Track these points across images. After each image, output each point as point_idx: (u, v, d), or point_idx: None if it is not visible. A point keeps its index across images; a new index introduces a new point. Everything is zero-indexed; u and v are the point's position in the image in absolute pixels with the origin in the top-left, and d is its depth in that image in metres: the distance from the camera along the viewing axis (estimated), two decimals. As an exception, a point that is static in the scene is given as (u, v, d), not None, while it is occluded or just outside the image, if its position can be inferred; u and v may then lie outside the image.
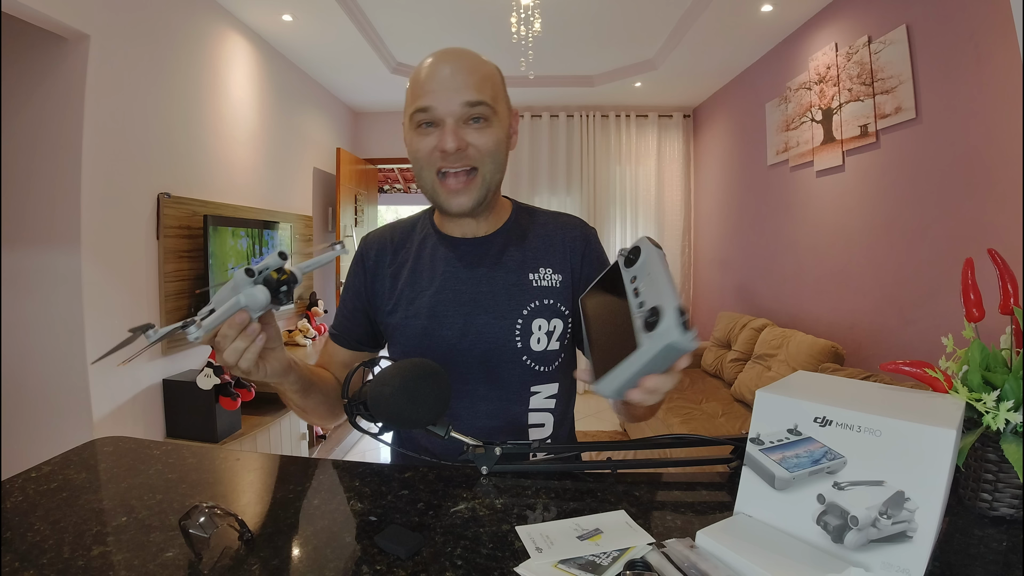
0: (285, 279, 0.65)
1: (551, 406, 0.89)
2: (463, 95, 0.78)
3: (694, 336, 0.52)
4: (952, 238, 2.16)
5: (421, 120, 0.80)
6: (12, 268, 2.05)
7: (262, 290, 0.64)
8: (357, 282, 0.93)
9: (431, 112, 0.79)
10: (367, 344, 0.94)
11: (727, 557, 0.51)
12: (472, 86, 0.79)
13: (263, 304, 0.64)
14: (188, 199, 2.54)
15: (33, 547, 0.55)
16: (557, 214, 0.96)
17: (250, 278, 0.64)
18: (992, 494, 0.61)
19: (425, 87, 0.79)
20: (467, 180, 0.81)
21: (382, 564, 0.53)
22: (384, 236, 0.94)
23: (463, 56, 0.81)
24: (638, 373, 0.54)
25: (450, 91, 0.78)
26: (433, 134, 0.80)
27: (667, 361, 0.54)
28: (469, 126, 0.80)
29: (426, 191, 0.85)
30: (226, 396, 2.37)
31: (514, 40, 3.07)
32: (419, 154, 0.81)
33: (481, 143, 0.80)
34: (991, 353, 0.62)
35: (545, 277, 0.88)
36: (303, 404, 0.82)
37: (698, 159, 5.03)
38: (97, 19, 2.05)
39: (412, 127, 0.81)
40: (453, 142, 0.78)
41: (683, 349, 0.52)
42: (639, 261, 0.60)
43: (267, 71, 3.40)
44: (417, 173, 0.84)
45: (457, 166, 0.80)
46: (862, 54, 2.60)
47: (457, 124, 0.79)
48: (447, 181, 0.81)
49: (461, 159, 0.80)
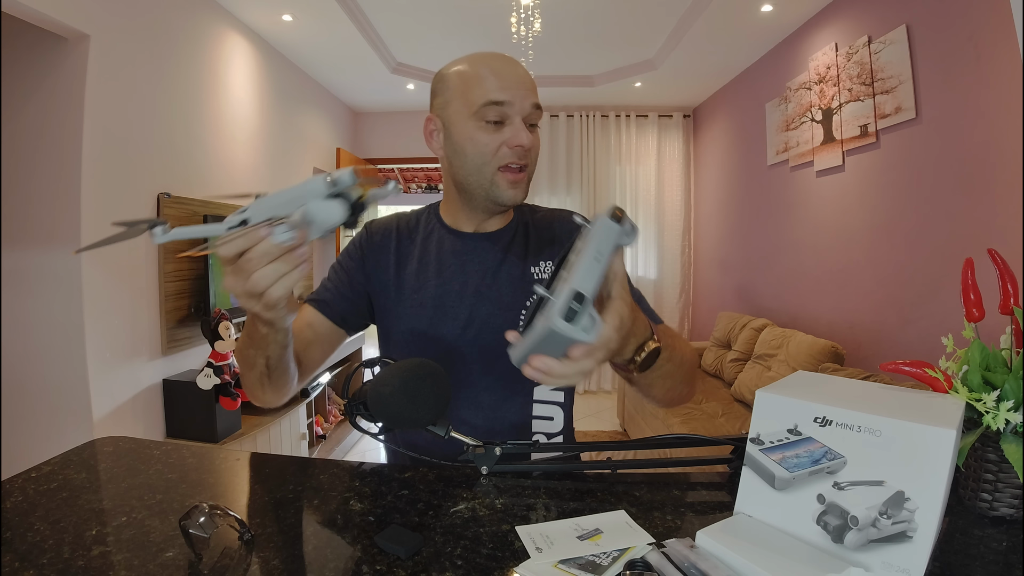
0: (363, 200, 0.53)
1: (560, 399, 0.90)
2: (532, 97, 0.82)
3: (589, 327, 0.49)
4: (952, 238, 2.16)
5: (490, 115, 0.80)
6: (12, 268, 2.05)
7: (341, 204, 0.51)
8: (357, 259, 0.91)
9: (506, 107, 0.80)
10: (346, 322, 0.90)
11: (727, 557, 0.51)
12: (535, 90, 0.84)
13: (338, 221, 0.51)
14: (188, 199, 2.54)
15: (33, 547, 0.55)
16: (554, 209, 1.00)
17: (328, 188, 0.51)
18: (992, 494, 0.61)
19: (498, 82, 0.80)
20: (522, 176, 0.85)
21: (382, 564, 0.53)
22: (390, 224, 0.95)
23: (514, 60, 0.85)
24: (528, 350, 0.53)
25: (523, 90, 0.81)
26: (503, 130, 0.81)
27: (556, 346, 0.51)
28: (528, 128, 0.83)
29: (480, 183, 0.84)
30: (226, 396, 2.37)
31: (514, 40, 3.07)
32: (486, 148, 0.81)
33: (534, 144, 0.84)
34: (991, 353, 0.62)
35: (546, 270, 0.90)
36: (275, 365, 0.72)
37: (698, 159, 5.03)
38: (97, 19, 2.05)
39: (475, 120, 0.81)
40: (528, 138, 0.81)
41: (569, 338, 0.49)
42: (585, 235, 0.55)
43: (267, 71, 3.40)
44: (476, 167, 0.83)
45: (522, 162, 0.83)
46: (862, 54, 2.60)
47: (525, 123, 0.82)
48: (508, 176, 0.83)
49: (525, 156, 0.83)
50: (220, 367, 2.37)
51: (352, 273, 0.91)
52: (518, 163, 0.82)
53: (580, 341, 0.50)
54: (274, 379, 0.75)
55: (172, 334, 2.44)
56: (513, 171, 0.83)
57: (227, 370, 2.39)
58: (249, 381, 0.77)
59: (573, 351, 0.53)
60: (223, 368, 2.38)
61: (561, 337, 0.50)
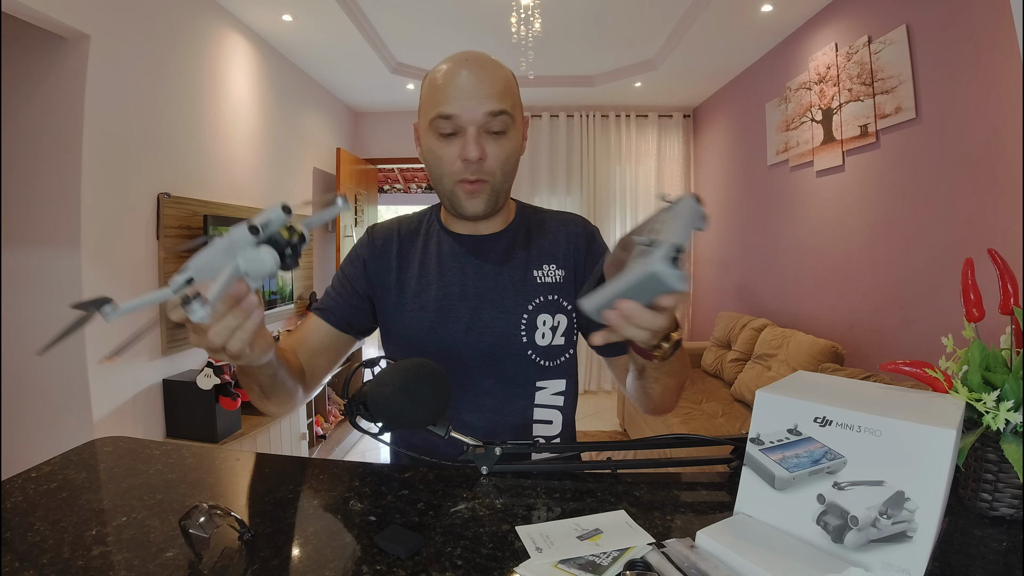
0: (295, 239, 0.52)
1: (559, 403, 0.89)
2: (486, 105, 0.78)
3: (682, 277, 0.51)
4: (952, 238, 2.16)
5: (442, 128, 0.79)
6: (12, 268, 2.05)
7: (270, 253, 0.51)
8: (359, 264, 0.92)
9: (454, 120, 0.78)
10: (352, 328, 0.91)
11: (727, 557, 0.51)
12: (495, 96, 0.78)
13: (270, 271, 0.51)
14: (188, 199, 2.54)
15: (33, 547, 0.55)
16: (560, 212, 0.97)
17: (254, 237, 0.50)
18: (992, 494, 0.61)
19: (448, 93, 0.78)
20: (477, 187, 0.82)
21: (382, 564, 0.53)
22: (391, 227, 0.95)
23: (485, 63, 0.81)
24: (616, 294, 0.54)
25: (473, 100, 0.78)
26: (455, 143, 0.80)
27: (648, 291, 0.54)
28: (489, 136, 0.80)
29: (444, 194, 0.85)
30: (226, 396, 2.37)
31: (514, 40, 3.07)
32: (441, 162, 0.81)
33: (496, 154, 0.81)
34: (991, 353, 0.62)
35: (549, 273, 0.89)
36: (270, 388, 0.73)
37: (698, 159, 5.03)
38: (97, 19, 2.05)
39: (431, 132, 0.81)
40: (475, 151, 0.78)
41: (666, 282, 0.51)
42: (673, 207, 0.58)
43: (267, 71, 3.40)
44: (437, 178, 0.84)
45: (476, 176, 0.81)
46: (862, 54, 2.60)
47: (479, 133, 0.79)
48: (465, 187, 0.82)
49: (479, 170, 0.80)
50: (220, 367, 2.37)
51: (355, 279, 0.91)
52: (472, 176, 0.80)
53: (674, 290, 0.52)
54: (273, 397, 0.76)
55: (172, 334, 2.44)
56: (470, 183, 0.81)
57: (227, 370, 2.39)
58: (252, 398, 0.78)
59: (663, 299, 0.55)
60: (223, 368, 2.38)
61: (657, 283, 0.52)
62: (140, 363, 2.31)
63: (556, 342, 0.87)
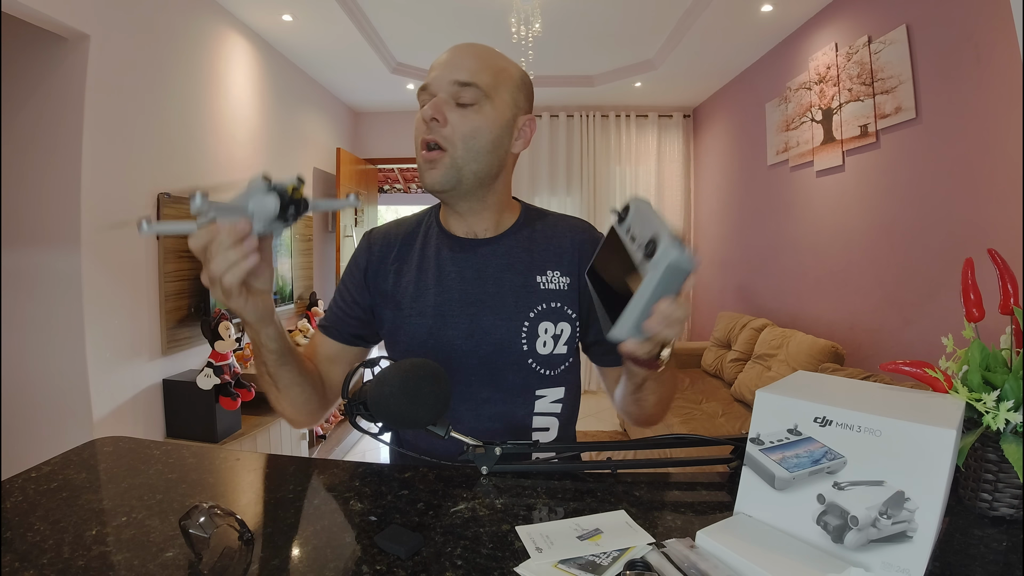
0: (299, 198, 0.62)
1: (557, 410, 0.88)
2: (455, 74, 0.79)
3: (693, 255, 0.54)
4: (952, 238, 2.16)
5: (421, 101, 0.82)
6: (12, 268, 2.05)
7: (273, 199, 0.60)
8: (358, 274, 0.91)
9: (429, 90, 0.80)
10: (361, 339, 0.91)
11: (727, 557, 0.51)
12: (468, 68, 0.79)
13: (270, 214, 0.60)
14: (188, 199, 2.54)
15: (33, 547, 0.55)
16: (566, 217, 0.95)
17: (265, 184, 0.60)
18: (992, 494, 0.61)
19: (430, 70, 0.81)
20: (435, 156, 0.81)
21: (382, 564, 0.53)
22: (389, 231, 0.93)
23: (474, 45, 0.83)
24: (649, 301, 0.56)
25: (446, 69, 0.80)
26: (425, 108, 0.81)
27: (673, 284, 0.55)
28: (455, 107, 0.80)
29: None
30: (226, 396, 2.37)
31: (514, 40, 3.07)
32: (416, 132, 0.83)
33: (458, 124, 0.79)
34: (991, 353, 0.62)
35: (552, 280, 0.86)
36: (277, 374, 0.76)
37: (698, 159, 5.03)
38: (97, 19, 2.05)
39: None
40: (431, 110, 0.78)
41: (685, 268, 0.54)
42: (630, 215, 0.62)
43: (267, 71, 3.40)
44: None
45: (430, 138, 0.80)
46: (862, 54, 2.60)
47: (443, 100, 0.79)
48: (423, 153, 0.82)
49: (435, 131, 0.80)
50: (220, 367, 2.37)
51: (355, 291, 0.91)
52: (427, 137, 0.80)
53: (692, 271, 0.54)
54: (284, 391, 0.78)
55: (172, 334, 2.44)
56: (428, 150, 0.80)
57: (227, 370, 2.39)
58: (270, 397, 0.81)
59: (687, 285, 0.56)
60: (223, 368, 2.38)
61: (678, 270, 0.54)
62: (140, 363, 2.31)
63: (558, 351, 0.85)
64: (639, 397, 0.78)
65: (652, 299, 0.56)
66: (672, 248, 0.53)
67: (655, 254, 0.54)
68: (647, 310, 0.56)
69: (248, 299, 0.65)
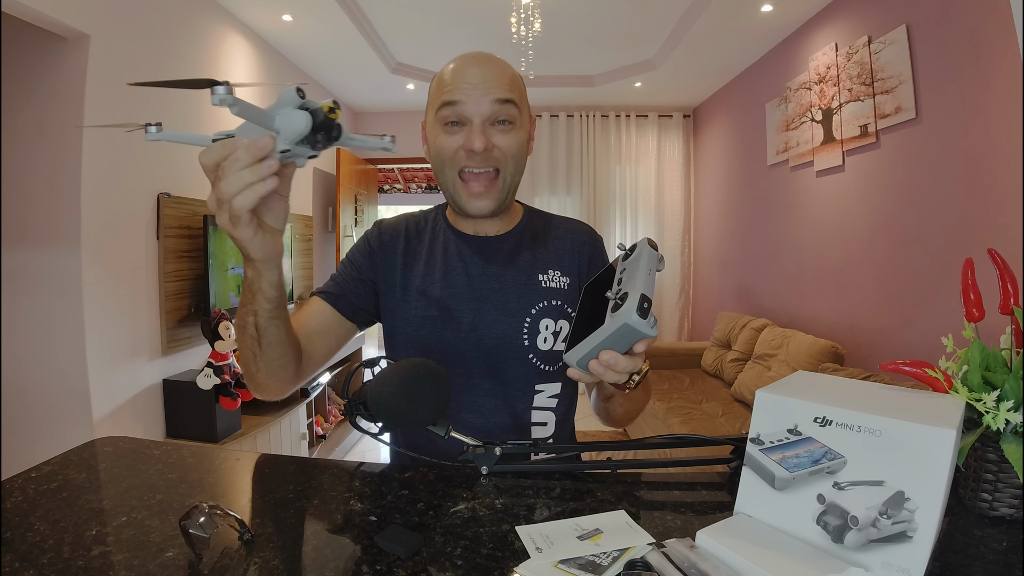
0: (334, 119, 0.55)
1: (553, 405, 0.89)
2: (493, 93, 0.78)
3: (653, 324, 0.57)
4: (952, 238, 2.16)
5: (447, 117, 0.79)
6: (12, 268, 2.05)
7: (305, 116, 0.52)
8: (367, 252, 0.91)
9: (459, 107, 0.78)
10: (359, 314, 0.89)
11: (727, 557, 0.51)
12: (502, 85, 0.79)
13: (299, 132, 0.52)
14: (188, 199, 2.54)
15: (33, 547, 0.55)
16: (567, 219, 0.98)
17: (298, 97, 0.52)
18: (992, 494, 0.61)
19: (454, 84, 0.79)
20: (489, 183, 0.81)
21: (382, 564, 0.53)
22: (399, 224, 0.95)
23: (491, 58, 0.82)
24: (598, 347, 0.60)
25: (480, 89, 0.78)
26: (459, 133, 0.80)
27: (625, 341, 0.59)
28: (495, 127, 0.80)
29: (446, 190, 0.85)
30: (226, 396, 2.36)
31: (514, 40, 3.07)
32: (443, 152, 0.81)
33: (506, 145, 0.80)
34: (991, 353, 0.62)
35: (554, 279, 0.89)
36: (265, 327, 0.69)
37: (698, 159, 5.03)
38: (97, 19, 2.05)
39: (437, 124, 0.81)
40: (481, 142, 0.77)
41: (640, 332, 0.57)
42: (632, 256, 0.65)
43: (267, 71, 3.40)
44: (438, 171, 0.84)
45: (482, 167, 0.80)
46: (862, 54, 2.60)
47: (484, 124, 0.79)
48: (469, 184, 0.81)
49: (486, 160, 0.80)
50: (220, 367, 2.37)
51: (362, 268, 0.90)
52: (477, 168, 0.80)
53: (647, 336, 0.58)
54: (265, 350, 0.71)
55: (172, 334, 2.44)
56: (473, 177, 0.80)
57: (227, 370, 2.39)
58: (245, 357, 0.74)
59: (638, 346, 0.60)
60: (223, 368, 2.37)
61: (632, 332, 0.57)
62: (140, 363, 2.31)
63: (557, 347, 0.87)
64: (607, 406, 0.84)
65: (602, 346, 0.60)
66: (633, 312, 0.56)
67: (620, 309, 0.57)
68: (595, 352, 0.61)
69: (257, 232, 0.59)
